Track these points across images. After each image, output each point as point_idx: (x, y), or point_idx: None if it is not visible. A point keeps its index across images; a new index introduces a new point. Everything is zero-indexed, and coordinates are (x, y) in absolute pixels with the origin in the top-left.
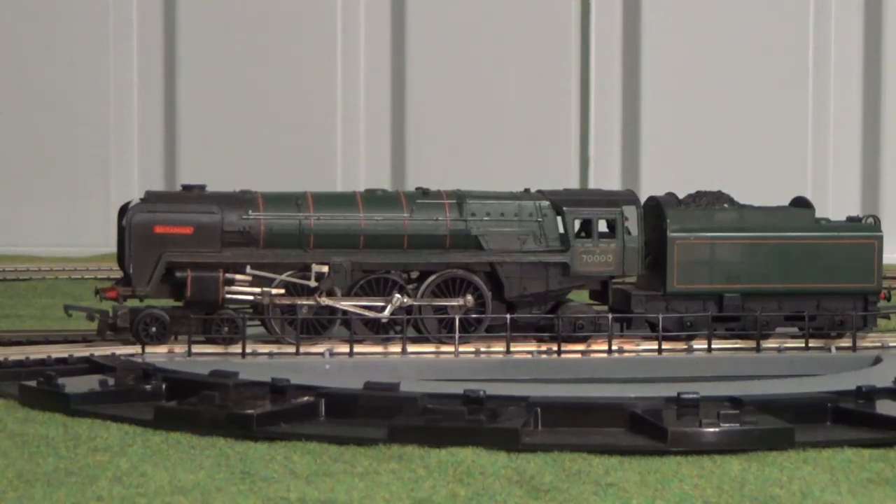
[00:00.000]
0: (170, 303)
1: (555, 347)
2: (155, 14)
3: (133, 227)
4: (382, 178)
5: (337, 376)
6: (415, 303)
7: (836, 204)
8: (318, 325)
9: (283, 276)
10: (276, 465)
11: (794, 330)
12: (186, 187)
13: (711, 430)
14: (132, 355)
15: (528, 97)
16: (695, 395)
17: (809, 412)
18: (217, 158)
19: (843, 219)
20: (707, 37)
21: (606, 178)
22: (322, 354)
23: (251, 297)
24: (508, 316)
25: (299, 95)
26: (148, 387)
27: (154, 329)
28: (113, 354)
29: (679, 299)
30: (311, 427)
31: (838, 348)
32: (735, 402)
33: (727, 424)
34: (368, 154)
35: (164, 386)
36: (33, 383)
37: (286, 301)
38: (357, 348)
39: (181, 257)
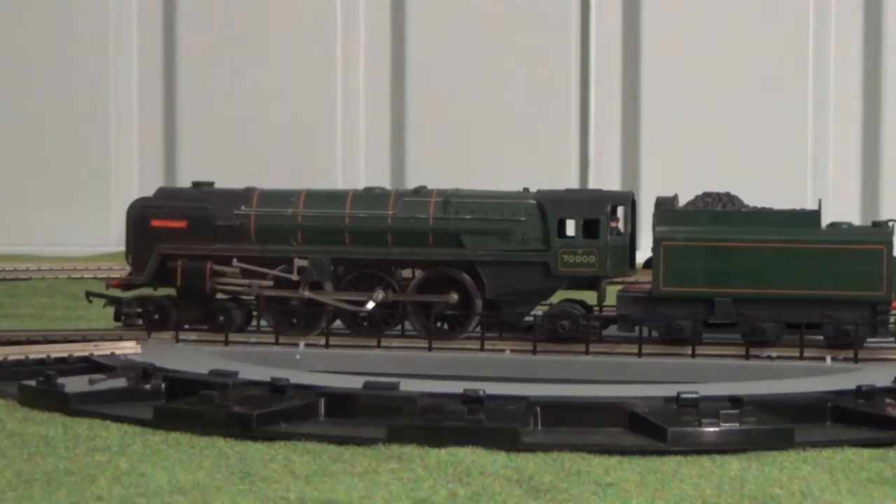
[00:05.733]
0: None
1: (533, 347)
2: (155, 14)
3: (132, 221)
4: (382, 178)
5: (336, 376)
6: (398, 299)
7: (836, 203)
8: (308, 318)
9: (274, 272)
10: (275, 464)
11: (819, 338)
12: (196, 184)
13: (711, 429)
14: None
15: (527, 97)
16: (694, 395)
17: (809, 412)
18: (217, 158)
19: (869, 222)
20: (707, 37)
21: (606, 178)
22: (297, 345)
23: (239, 289)
24: (480, 314)
25: (299, 95)
26: (147, 386)
27: (157, 316)
28: (112, 354)
29: (667, 302)
30: (310, 427)
31: (834, 359)
32: (735, 401)
33: (727, 424)
34: (368, 154)
35: (163, 385)
36: (33, 383)
37: (273, 293)
38: (341, 341)
39: (174, 249)
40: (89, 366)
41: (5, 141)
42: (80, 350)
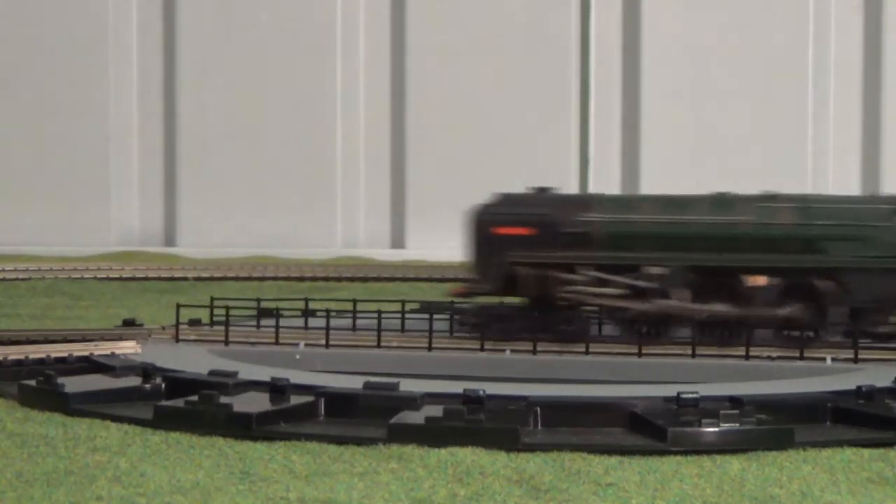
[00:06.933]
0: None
1: (533, 347)
2: (155, 14)
3: (476, 229)
4: (382, 178)
5: (336, 376)
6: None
7: None
8: (658, 328)
9: (625, 279)
10: (275, 464)
11: None
12: (538, 189)
13: (711, 429)
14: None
15: (528, 97)
16: (694, 395)
17: (809, 412)
18: (216, 159)
19: None
20: (707, 37)
21: (606, 178)
22: (296, 344)
23: (588, 298)
24: (843, 322)
25: (299, 96)
26: (147, 386)
27: (498, 326)
28: (112, 354)
29: None
30: (310, 427)
31: (834, 359)
32: (735, 401)
33: (727, 424)
34: (368, 154)
35: (163, 385)
36: (33, 383)
37: (618, 303)
38: (341, 341)
39: (519, 257)
40: (89, 366)
41: (5, 141)
42: (80, 350)
